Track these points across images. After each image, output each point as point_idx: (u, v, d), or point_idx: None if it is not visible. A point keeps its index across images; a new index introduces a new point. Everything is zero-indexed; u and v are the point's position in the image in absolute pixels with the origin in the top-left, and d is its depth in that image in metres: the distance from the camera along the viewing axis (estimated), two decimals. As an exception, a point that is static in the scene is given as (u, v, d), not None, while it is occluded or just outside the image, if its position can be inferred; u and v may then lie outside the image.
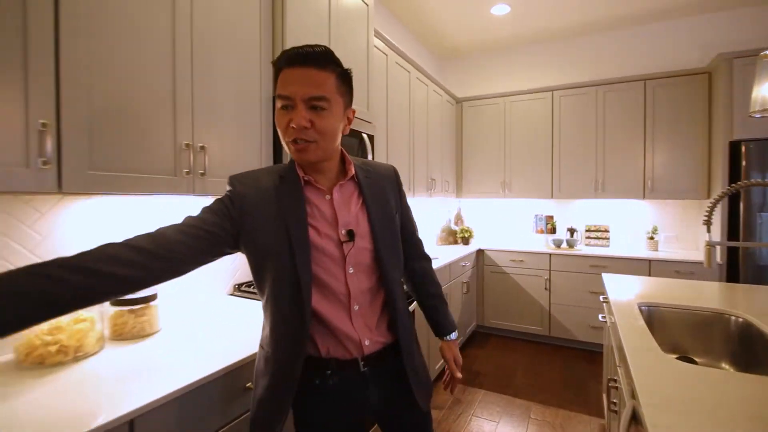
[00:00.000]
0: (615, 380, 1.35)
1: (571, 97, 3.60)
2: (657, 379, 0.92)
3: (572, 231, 3.68)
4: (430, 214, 3.90)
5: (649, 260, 3.11)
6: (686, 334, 1.55)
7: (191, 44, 1.28)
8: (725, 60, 2.81)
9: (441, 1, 3.21)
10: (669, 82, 3.23)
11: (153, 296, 1.31)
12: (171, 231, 0.80)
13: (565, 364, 3.11)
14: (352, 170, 0.97)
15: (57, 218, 1.22)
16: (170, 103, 1.22)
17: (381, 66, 2.53)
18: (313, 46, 0.85)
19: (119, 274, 0.71)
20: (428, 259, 1.20)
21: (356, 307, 0.92)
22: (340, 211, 0.93)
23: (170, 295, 1.52)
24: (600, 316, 2.00)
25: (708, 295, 1.72)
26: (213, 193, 1.35)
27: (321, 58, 0.84)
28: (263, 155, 1.59)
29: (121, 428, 0.81)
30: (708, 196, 3.14)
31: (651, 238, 3.37)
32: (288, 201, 0.89)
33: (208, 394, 1.00)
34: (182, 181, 1.26)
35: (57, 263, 0.67)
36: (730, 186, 1.42)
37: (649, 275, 3.05)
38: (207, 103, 1.34)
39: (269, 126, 1.60)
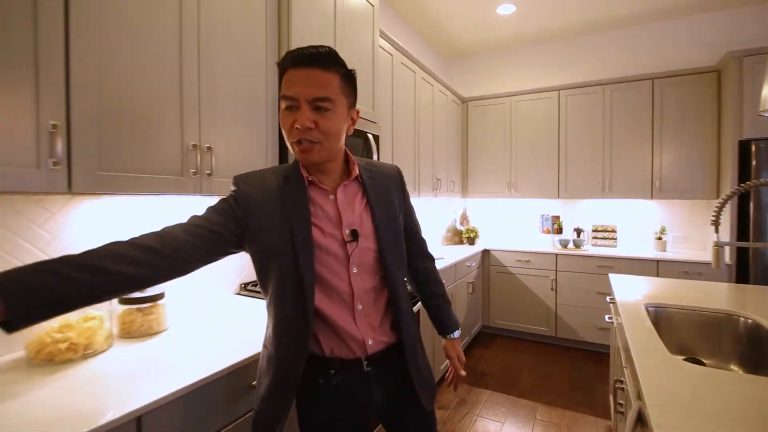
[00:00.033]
0: (621, 381, 1.34)
1: (578, 97, 3.57)
2: (663, 381, 0.91)
3: (579, 231, 3.65)
4: (436, 214, 3.90)
5: (657, 261, 3.08)
6: (694, 336, 1.53)
7: (198, 45, 1.29)
8: (735, 58, 2.77)
9: (446, 2, 3.20)
10: (677, 81, 3.19)
11: (160, 295, 1.32)
12: (176, 230, 0.81)
13: (572, 365, 3.09)
14: (356, 170, 0.98)
15: (66, 218, 1.24)
16: (177, 104, 1.24)
17: (386, 66, 2.54)
18: (318, 47, 0.85)
19: (125, 273, 0.72)
20: (431, 259, 1.20)
21: (360, 307, 0.93)
22: (344, 211, 0.94)
23: (177, 294, 1.54)
24: (607, 317, 1.99)
25: (716, 296, 1.70)
26: (219, 194, 1.36)
27: (325, 59, 0.85)
28: (269, 156, 1.60)
29: (129, 425, 0.82)
30: (717, 196, 3.10)
31: (659, 239, 3.34)
32: (292, 201, 0.90)
33: (214, 392, 1.01)
34: (189, 182, 1.28)
35: (64, 260, 0.68)
36: (740, 185, 1.40)
37: (657, 276, 3.02)
38: (213, 104, 1.35)
39: (275, 126, 1.61)
